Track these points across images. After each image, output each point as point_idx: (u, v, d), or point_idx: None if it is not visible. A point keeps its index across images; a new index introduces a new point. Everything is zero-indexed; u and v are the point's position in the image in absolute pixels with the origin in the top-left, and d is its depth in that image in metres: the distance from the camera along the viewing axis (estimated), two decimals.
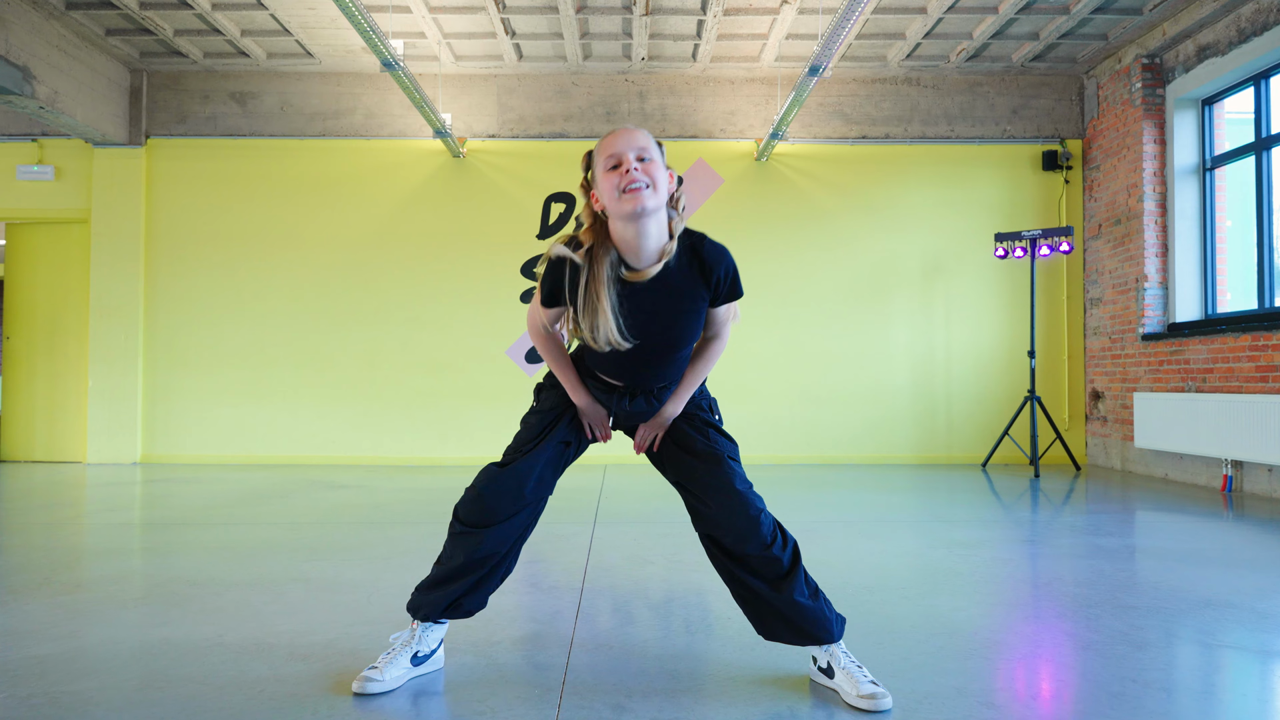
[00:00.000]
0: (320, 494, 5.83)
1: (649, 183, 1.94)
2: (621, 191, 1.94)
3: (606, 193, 1.97)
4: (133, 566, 3.54)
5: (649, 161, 1.97)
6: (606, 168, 1.98)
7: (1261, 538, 4.28)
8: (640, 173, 1.94)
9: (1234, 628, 2.68)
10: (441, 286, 7.94)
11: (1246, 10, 6.27)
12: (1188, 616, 2.79)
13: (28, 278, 8.13)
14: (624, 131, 2.00)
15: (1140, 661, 2.35)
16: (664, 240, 2.02)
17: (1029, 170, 8.10)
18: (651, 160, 1.98)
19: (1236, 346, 6.09)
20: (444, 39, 7.26)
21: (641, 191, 1.93)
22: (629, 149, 1.97)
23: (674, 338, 2.11)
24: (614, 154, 1.97)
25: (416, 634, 2.21)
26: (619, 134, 2.00)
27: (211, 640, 2.52)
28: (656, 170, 1.97)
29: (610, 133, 2.02)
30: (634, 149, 1.97)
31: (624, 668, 2.29)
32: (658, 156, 2.00)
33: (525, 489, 2.15)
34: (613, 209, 1.97)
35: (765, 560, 2.09)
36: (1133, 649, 2.46)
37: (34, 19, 6.61)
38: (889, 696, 1.99)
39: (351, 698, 2.06)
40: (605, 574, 3.42)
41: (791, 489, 6.14)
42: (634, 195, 1.93)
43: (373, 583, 3.24)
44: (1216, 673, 2.31)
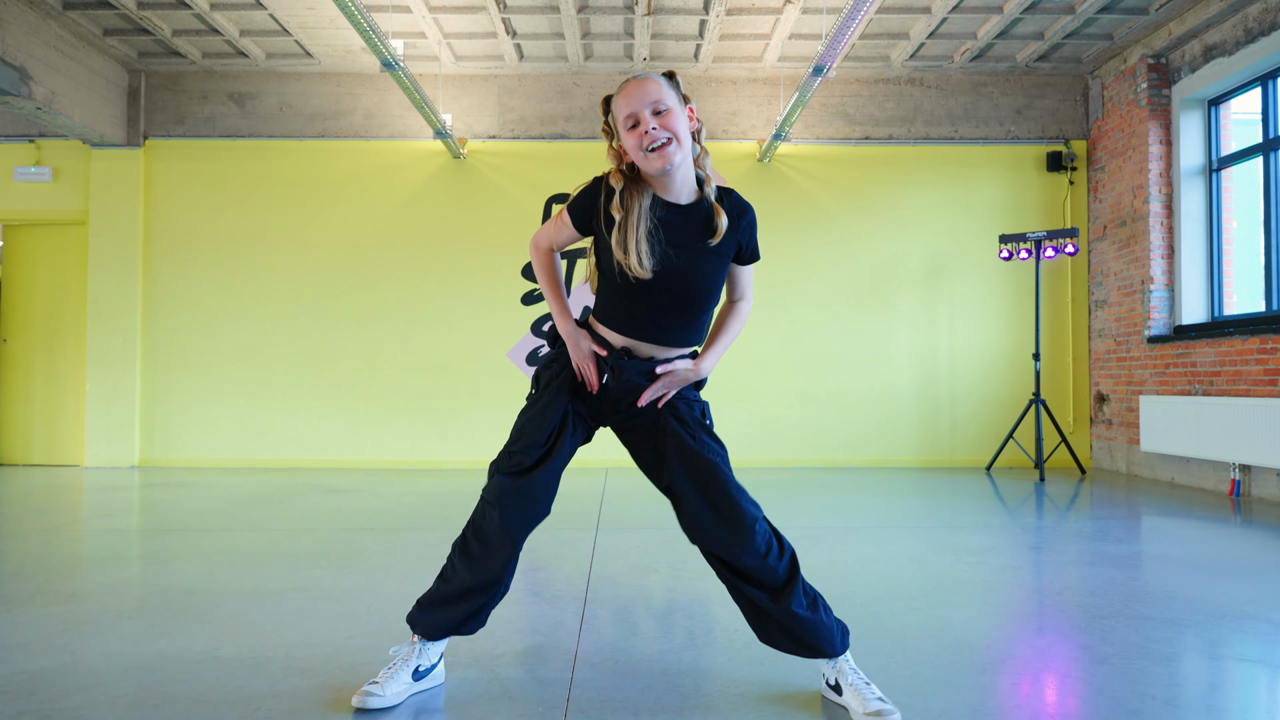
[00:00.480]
0: (319, 498, 5.77)
1: (670, 136, 1.95)
2: (647, 151, 1.95)
3: (633, 150, 1.98)
4: (129, 575, 3.49)
5: (666, 113, 1.96)
6: (627, 126, 1.98)
7: (1272, 544, 4.22)
8: (660, 130, 1.94)
9: (1250, 640, 2.63)
10: (442, 288, 7.89)
11: (1254, 10, 6.22)
12: (1203, 628, 2.74)
13: (25, 280, 8.07)
14: (636, 85, 1.99)
15: (1158, 676, 2.29)
16: (692, 174, 2.06)
17: (1033, 171, 8.04)
18: (668, 110, 1.97)
19: (1244, 349, 6.04)
20: (444, 39, 7.21)
21: (667, 149, 1.95)
22: (644, 106, 1.96)
23: (694, 279, 2.04)
24: (632, 112, 1.97)
25: (417, 648, 2.16)
26: (631, 88, 1.99)
27: (207, 654, 2.46)
28: (675, 121, 1.97)
29: (624, 84, 2.01)
30: (649, 104, 1.96)
31: (629, 683, 2.23)
32: (674, 103, 1.99)
33: (543, 506, 2.09)
34: (642, 165, 1.99)
35: (762, 570, 2.03)
36: (1150, 663, 2.40)
37: (31, 19, 6.55)
38: (897, 713, 1.94)
39: (351, 715, 2.01)
40: (608, 583, 3.37)
41: (794, 492, 6.09)
42: (660, 154, 1.94)
43: (372, 593, 3.19)
44: (1235, 689, 2.26)
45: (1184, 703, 2.11)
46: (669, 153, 1.95)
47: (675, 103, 2.00)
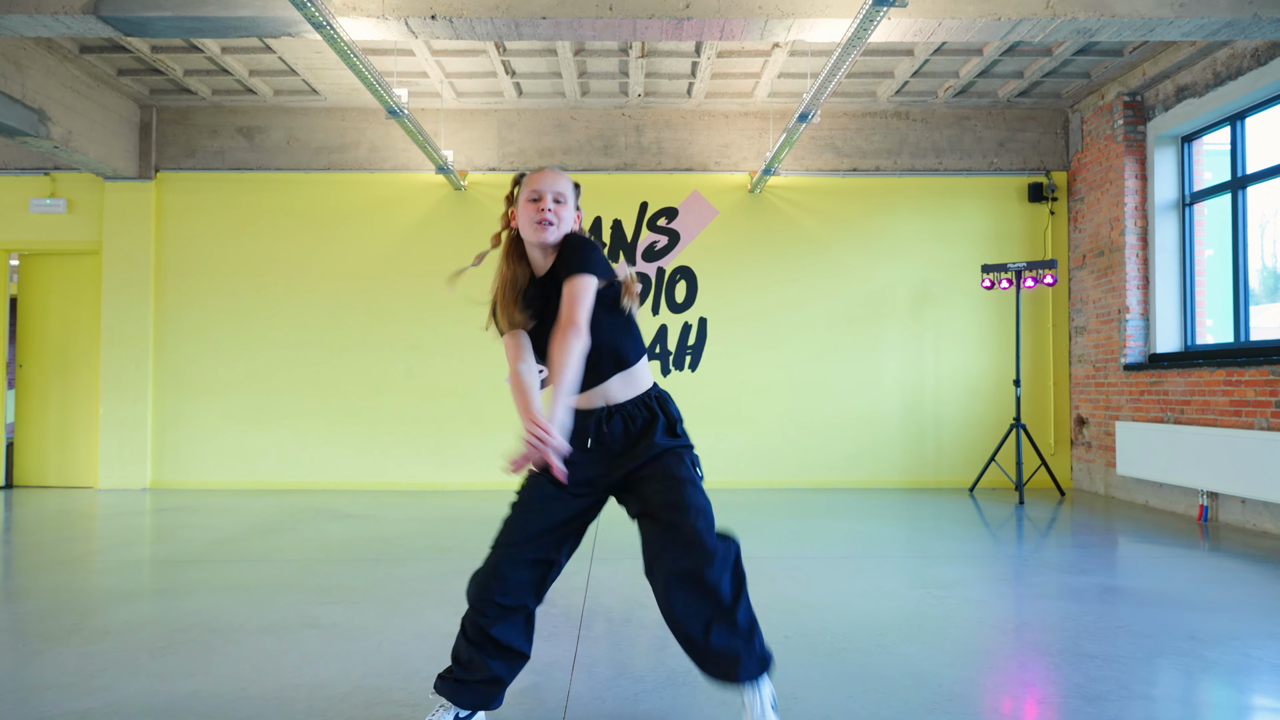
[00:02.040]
0: (327, 525, 6.04)
1: (556, 223, 2.36)
2: (534, 223, 2.34)
3: (524, 217, 2.37)
4: (154, 610, 3.76)
5: (562, 204, 2.38)
6: (528, 199, 2.37)
7: (1228, 573, 4.49)
8: (552, 213, 2.35)
9: (1181, 678, 2.89)
10: (444, 316, 8.16)
11: (1222, 55, 6.50)
12: (1142, 667, 3.01)
13: (41, 307, 8.35)
14: (549, 173, 2.41)
15: (1090, 716, 2.56)
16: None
17: (1015, 202, 8.32)
18: (564, 203, 2.39)
19: (1212, 380, 6.31)
20: (446, 78, 7.49)
21: (548, 228, 2.35)
22: (549, 190, 2.37)
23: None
24: (536, 190, 2.37)
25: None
26: (545, 174, 2.40)
27: (235, 694, 2.73)
28: (565, 211, 2.39)
29: (539, 170, 2.43)
30: (553, 191, 2.37)
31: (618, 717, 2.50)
32: (570, 199, 2.42)
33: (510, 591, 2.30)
34: (525, 232, 2.38)
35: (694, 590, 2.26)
36: (1084, 702, 2.67)
37: (49, 62, 6.83)
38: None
39: None
40: (602, 619, 3.63)
41: (783, 515, 6.35)
42: (542, 228, 2.34)
43: (382, 629, 3.45)
44: None
45: None
46: (549, 231, 2.34)
47: (571, 201, 2.42)
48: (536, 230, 2.33)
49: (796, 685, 2.78)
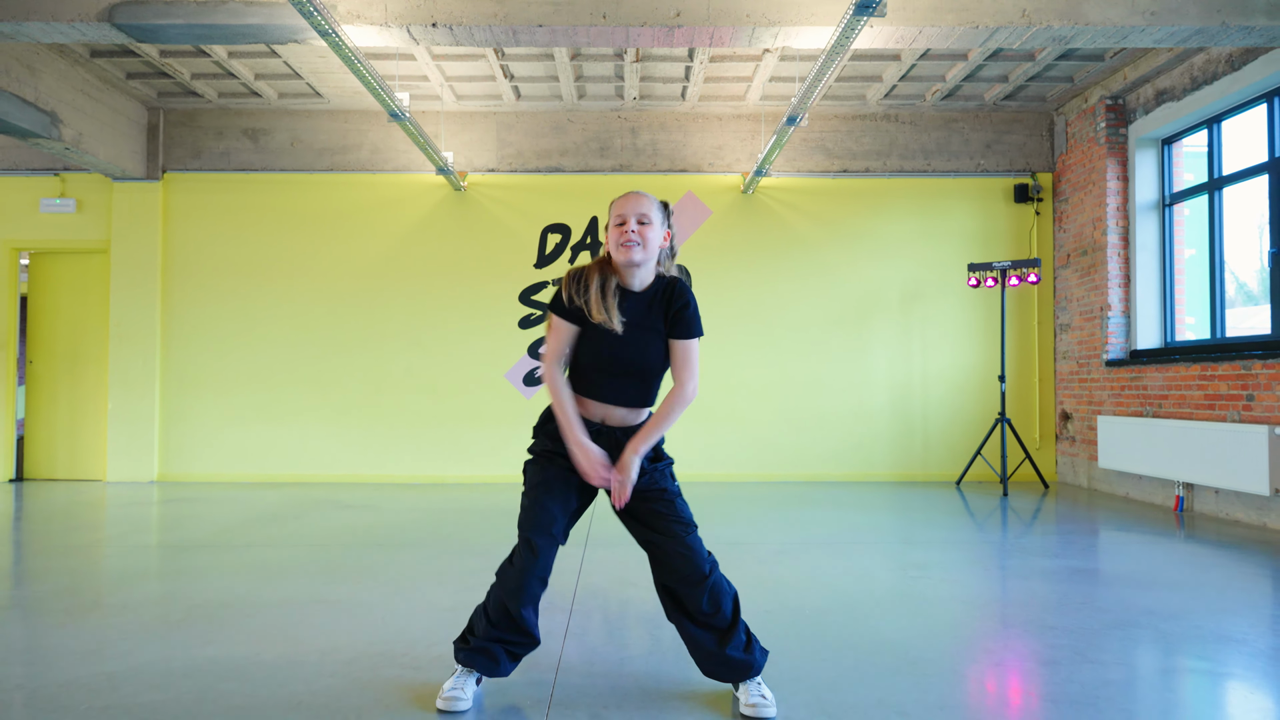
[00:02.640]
0: (331, 514, 6.24)
1: (640, 243, 2.49)
2: (619, 245, 2.49)
3: (611, 240, 2.53)
4: (170, 588, 3.96)
5: (646, 225, 2.51)
6: (615, 223, 2.52)
7: (1195, 557, 4.70)
8: (636, 235, 2.49)
9: (1135, 647, 3.10)
10: (443, 313, 8.37)
11: (1198, 60, 6.71)
12: (1097, 637, 3.21)
13: (51, 305, 8.55)
14: (633, 197, 2.55)
15: (1042, 676, 2.76)
16: (651, 275, 2.59)
17: (1002, 202, 8.53)
18: (650, 224, 2.51)
19: (1188, 375, 6.52)
20: (446, 81, 7.69)
21: (633, 249, 2.49)
22: (633, 213, 2.52)
23: (641, 350, 2.54)
24: (621, 214, 2.53)
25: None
26: (629, 198, 2.55)
27: (250, 658, 2.93)
28: (651, 233, 2.52)
29: (625, 194, 2.58)
30: (636, 214, 2.52)
31: (605, 685, 2.71)
32: (657, 221, 2.54)
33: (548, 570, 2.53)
34: (613, 254, 2.53)
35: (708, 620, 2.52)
36: (1039, 665, 2.88)
37: (61, 66, 7.04)
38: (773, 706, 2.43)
39: (379, 710, 2.48)
40: (593, 596, 3.84)
41: (775, 507, 6.55)
42: (627, 249, 2.49)
43: (386, 605, 3.66)
44: (1103, 687, 2.72)
45: (1055, 698, 2.58)
46: (634, 251, 2.49)
47: (658, 222, 2.55)
48: (621, 251, 2.49)
49: (775, 653, 2.97)
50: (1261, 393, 5.79)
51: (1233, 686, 2.76)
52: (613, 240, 2.52)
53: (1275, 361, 5.67)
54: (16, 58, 6.49)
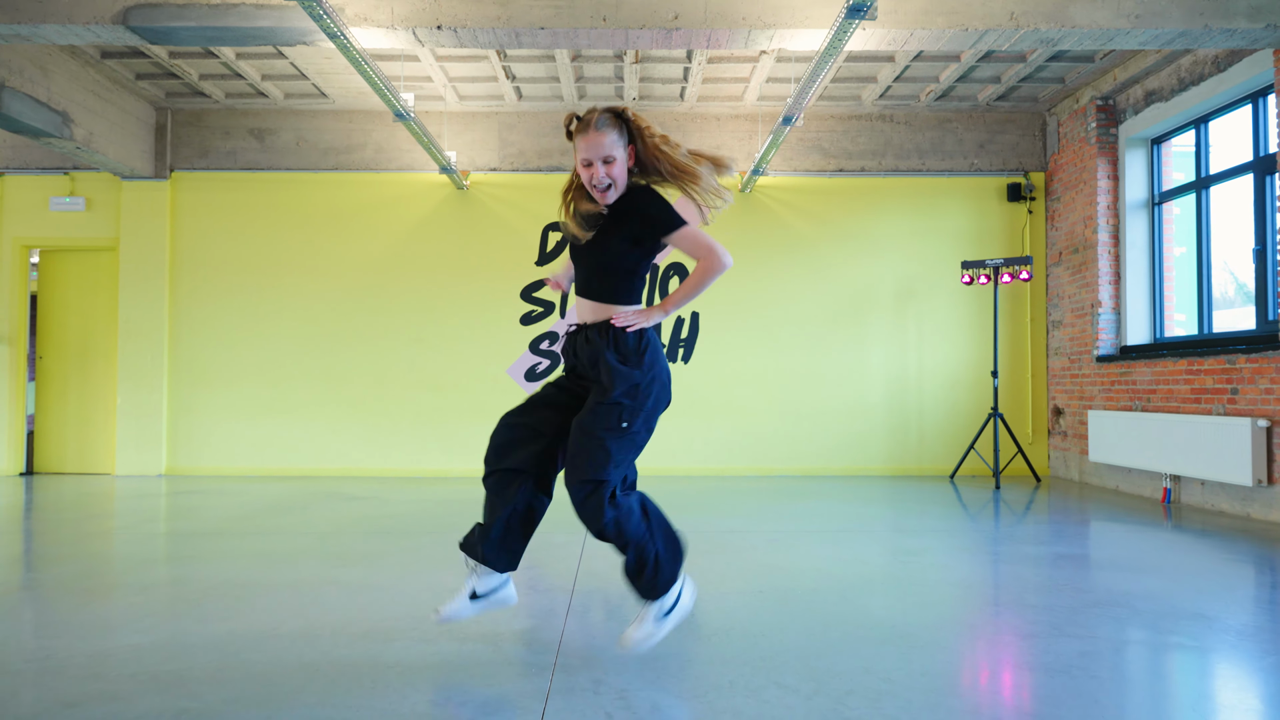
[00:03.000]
0: (337, 505, 6.39)
1: (611, 183, 2.59)
2: (593, 188, 2.61)
3: (583, 177, 2.63)
4: (185, 572, 4.11)
5: (612, 164, 2.57)
6: (582, 164, 2.59)
7: (1177, 546, 4.85)
8: (605, 177, 2.57)
9: (1110, 624, 3.25)
10: (446, 310, 8.52)
11: (1185, 62, 6.86)
12: (1075, 614, 3.36)
13: (60, 301, 8.70)
14: (593, 134, 2.56)
15: (1020, 648, 2.91)
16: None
17: (995, 201, 8.68)
18: (614, 161, 2.57)
19: (1175, 370, 6.67)
20: (449, 82, 7.84)
21: (607, 192, 2.61)
22: (597, 156, 2.56)
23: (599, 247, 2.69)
24: (586, 158, 2.58)
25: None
26: (591, 138, 2.57)
27: (269, 631, 3.08)
28: (617, 169, 2.59)
29: (585, 129, 2.58)
30: (600, 155, 2.56)
31: (605, 654, 2.85)
32: (620, 151, 2.58)
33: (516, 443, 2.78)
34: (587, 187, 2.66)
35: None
36: (1017, 639, 3.03)
37: (72, 67, 7.19)
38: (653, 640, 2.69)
39: (393, 675, 2.63)
40: (594, 578, 3.99)
41: (773, 499, 6.70)
42: (601, 194, 2.61)
43: (395, 585, 3.81)
44: (1078, 658, 2.86)
45: (1030, 665, 2.73)
46: (609, 195, 2.63)
47: (620, 150, 2.60)
48: (596, 194, 2.62)
49: (766, 626, 3.12)
50: (1245, 386, 5.94)
51: (1202, 658, 2.91)
52: (584, 179, 2.63)
53: (1258, 355, 5.82)
54: (30, 59, 6.63)
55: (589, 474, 2.59)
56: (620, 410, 2.61)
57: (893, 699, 2.44)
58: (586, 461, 2.59)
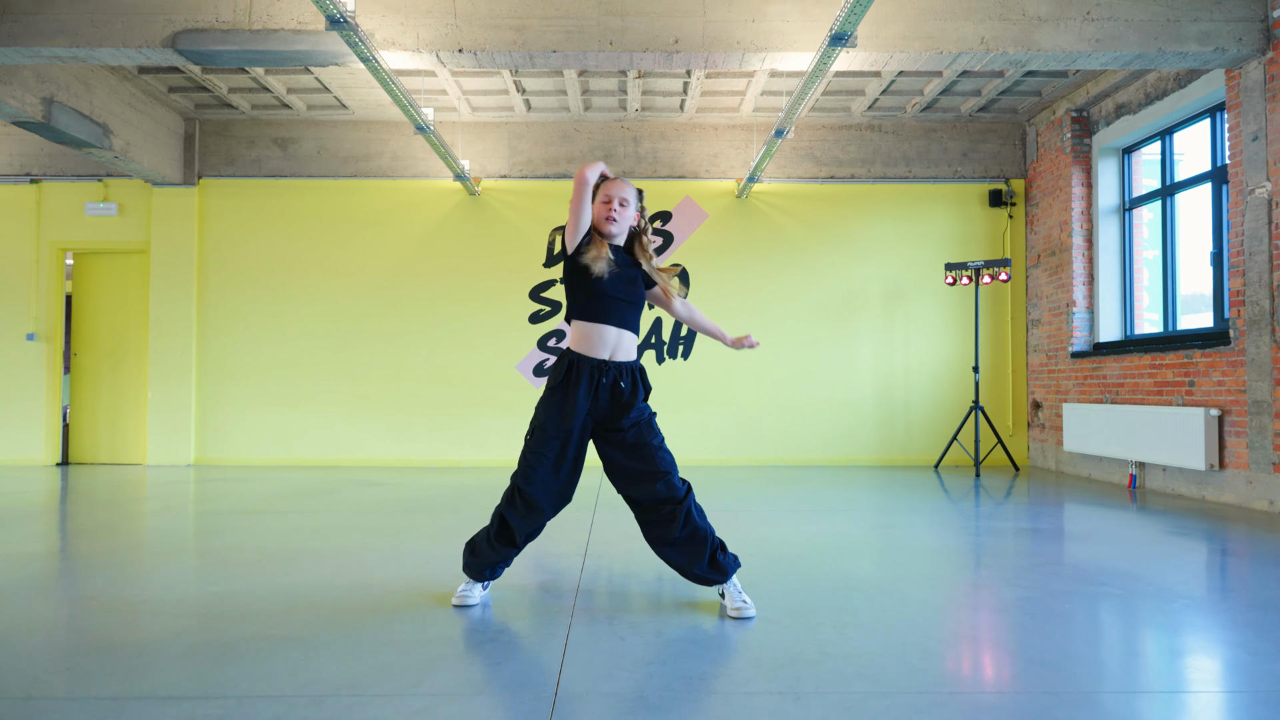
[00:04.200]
0: (360, 490, 6.89)
1: (618, 220, 3.21)
2: (604, 218, 3.19)
3: (598, 212, 3.19)
4: (237, 540, 4.61)
5: (625, 207, 3.21)
6: (602, 200, 3.19)
7: (1136, 523, 5.34)
8: (617, 214, 3.19)
9: (1049, 578, 3.74)
10: (459, 309, 9.03)
11: (1151, 78, 7.36)
12: (1027, 570, 3.85)
13: (94, 301, 9.21)
14: (620, 183, 3.24)
15: (970, 594, 3.41)
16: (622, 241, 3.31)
17: (977, 206, 9.19)
18: (627, 206, 3.22)
19: (1140, 364, 7.17)
20: (463, 95, 8.35)
21: (613, 224, 3.20)
22: (617, 196, 3.21)
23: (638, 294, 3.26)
24: (609, 194, 3.20)
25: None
26: (617, 184, 3.23)
27: (325, 583, 3.58)
28: (627, 212, 3.23)
29: (615, 179, 3.28)
30: (619, 197, 3.21)
31: (617, 602, 3.35)
32: (633, 205, 3.24)
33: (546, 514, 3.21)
34: (598, 224, 3.21)
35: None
36: (970, 587, 3.52)
37: (111, 82, 7.69)
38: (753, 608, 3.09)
39: (438, 611, 3.12)
40: (605, 545, 4.48)
41: (766, 487, 7.20)
42: (609, 224, 3.20)
43: (428, 551, 4.31)
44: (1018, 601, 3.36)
45: (974, 604, 3.22)
46: (614, 226, 3.21)
47: (633, 207, 3.26)
48: (605, 224, 3.18)
49: (754, 586, 3.62)
50: (1201, 379, 6.45)
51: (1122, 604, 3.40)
52: (599, 213, 3.19)
53: (1212, 350, 6.32)
54: (75, 75, 7.14)
55: (668, 471, 3.14)
56: (654, 419, 3.24)
57: (857, 629, 2.94)
58: (661, 465, 3.14)
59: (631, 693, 2.34)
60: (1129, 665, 2.70)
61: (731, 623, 2.99)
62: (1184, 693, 2.43)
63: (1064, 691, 2.36)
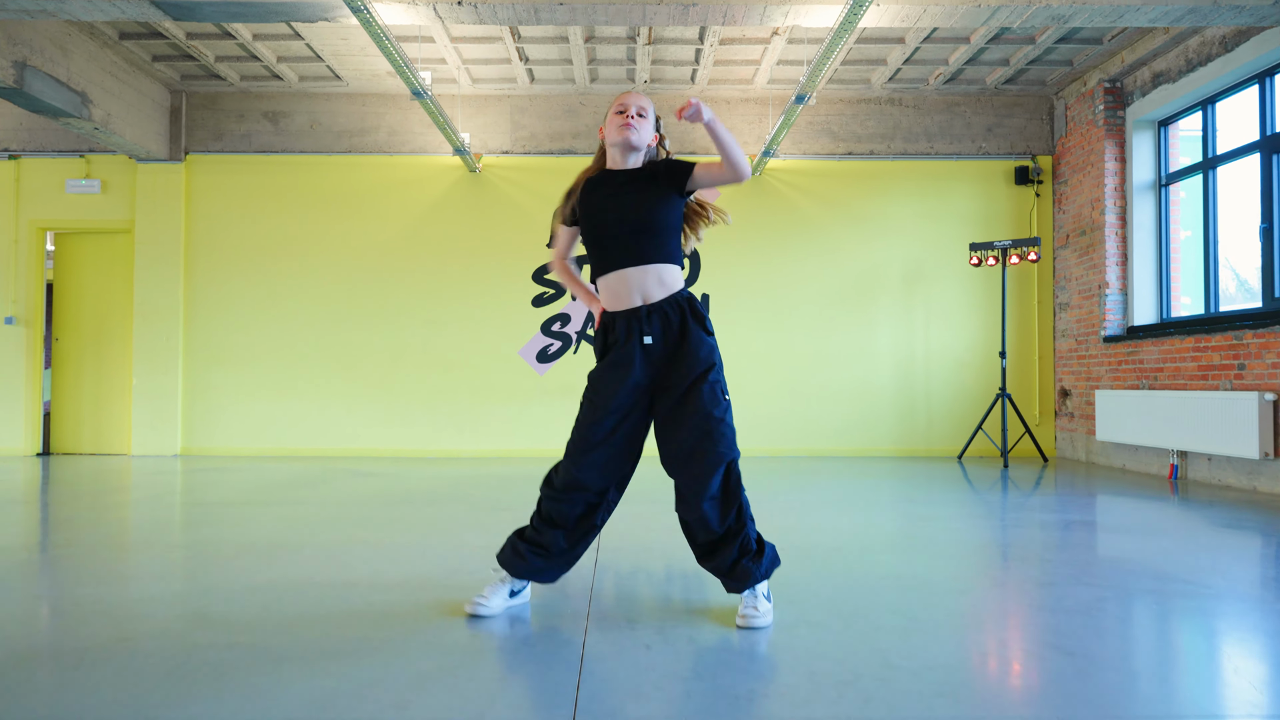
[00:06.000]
0: (353, 481, 6.47)
1: (638, 126, 2.73)
2: (619, 126, 2.73)
3: (610, 124, 2.75)
4: (217, 533, 4.19)
5: (644, 117, 2.76)
6: (615, 110, 2.76)
7: (1186, 515, 4.93)
8: (635, 119, 2.73)
9: (1119, 572, 3.33)
10: (458, 291, 8.60)
11: (1193, 43, 6.92)
12: (1090, 566, 3.44)
13: (76, 283, 8.78)
14: (633, 94, 2.81)
15: (1039, 594, 2.99)
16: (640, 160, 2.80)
17: (1003, 184, 8.75)
18: (645, 116, 2.77)
19: (1182, 348, 6.74)
20: (463, 64, 7.91)
21: (631, 130, 2.71)
22: (633, 104, 2.77)
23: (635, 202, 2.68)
24: (623, 104, 2.77)
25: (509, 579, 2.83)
26: (630, 94, 2.81)
27: (307, 580, 3.16)
28: (646, 124, 2.76)
29: (626, 91, 2.84)
30: (636, 105, 2.77)
31: (632, 603, 2.93)
32: (651, 117, 2.80)
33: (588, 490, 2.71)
34: (609, 135, 2.76)
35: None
36: (1036, 586, 3.11)
37: (91, 48, 7.26)
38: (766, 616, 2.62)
39: (429, 615, 2.71)
40: (616, 538, 4.06)
41: (784, 477, 6.78)
42: (626, 129, 2.72)
43: (422, 544, 3.89)
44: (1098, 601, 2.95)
45: (1052, 608, 2.81)
46: (632, 133, 2.71)
47: (651, 117, 2.80)
48: (620, 131, 2.69)
49: (790, 578, 3.20)
50: (1252, 361, 6.02)
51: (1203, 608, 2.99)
52: (612, 125, 2.73)
53: (1265, 331, 5.89)
54: (50, 38, 6.70)
55: (726, 454, 2.60)
56: (718, 384, 2.65)
57: (920, 635, 2.52)
58: (719, 445, 2.58)
59: (666, 718, 1.92)
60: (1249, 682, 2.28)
61: (778, 631, 2.56)
62: None
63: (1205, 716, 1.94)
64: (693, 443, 2.60)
